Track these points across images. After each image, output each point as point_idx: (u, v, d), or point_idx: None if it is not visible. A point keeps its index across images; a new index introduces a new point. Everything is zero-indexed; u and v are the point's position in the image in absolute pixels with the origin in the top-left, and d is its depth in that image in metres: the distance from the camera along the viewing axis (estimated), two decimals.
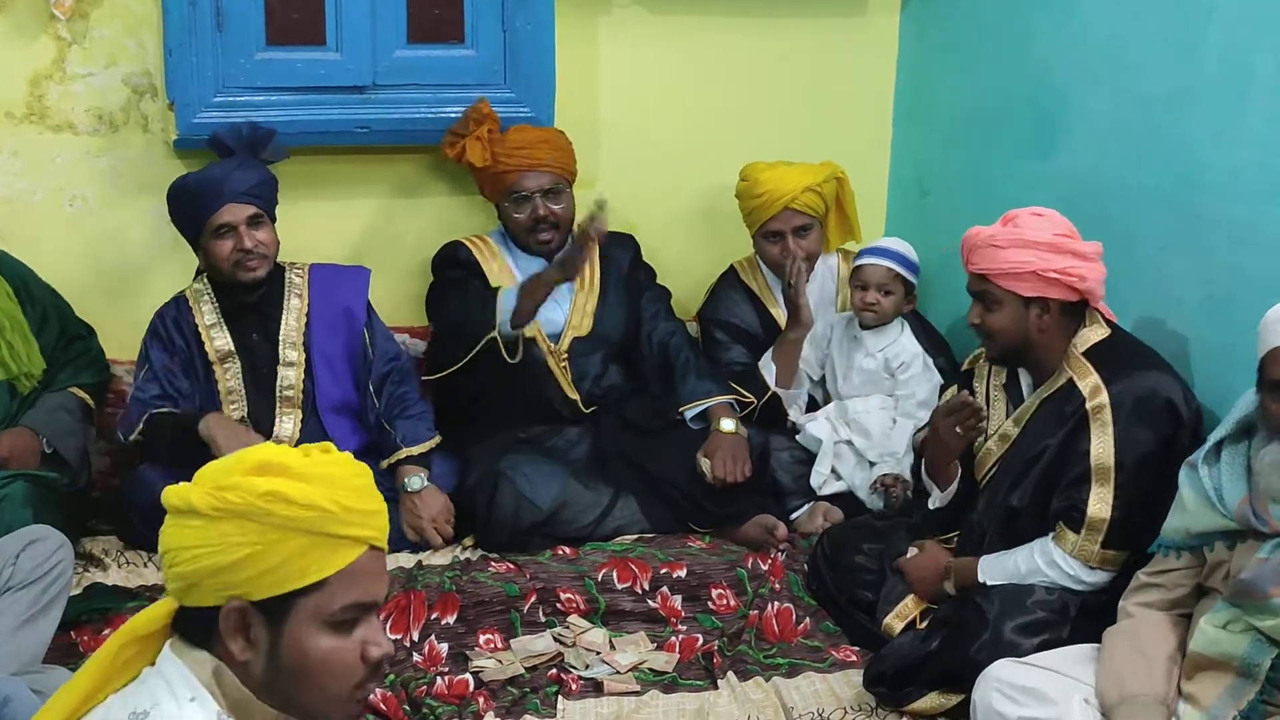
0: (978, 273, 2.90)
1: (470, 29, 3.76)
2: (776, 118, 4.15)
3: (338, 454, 1.64)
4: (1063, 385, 2.87)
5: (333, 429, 3.50)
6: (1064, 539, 2.81)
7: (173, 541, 1.57)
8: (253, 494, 1.53)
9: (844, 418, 3.64)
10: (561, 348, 3.69)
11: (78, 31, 3.58)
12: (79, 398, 3.42)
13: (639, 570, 3.23)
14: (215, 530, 1.53)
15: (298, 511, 1.53)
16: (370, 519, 1.60)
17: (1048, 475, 2.87)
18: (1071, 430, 2.82)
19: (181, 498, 1.55)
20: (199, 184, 3.31)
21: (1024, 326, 2.88)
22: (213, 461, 1.62)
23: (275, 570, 1.53)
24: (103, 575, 3.20)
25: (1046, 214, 2.92)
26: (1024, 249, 2.84)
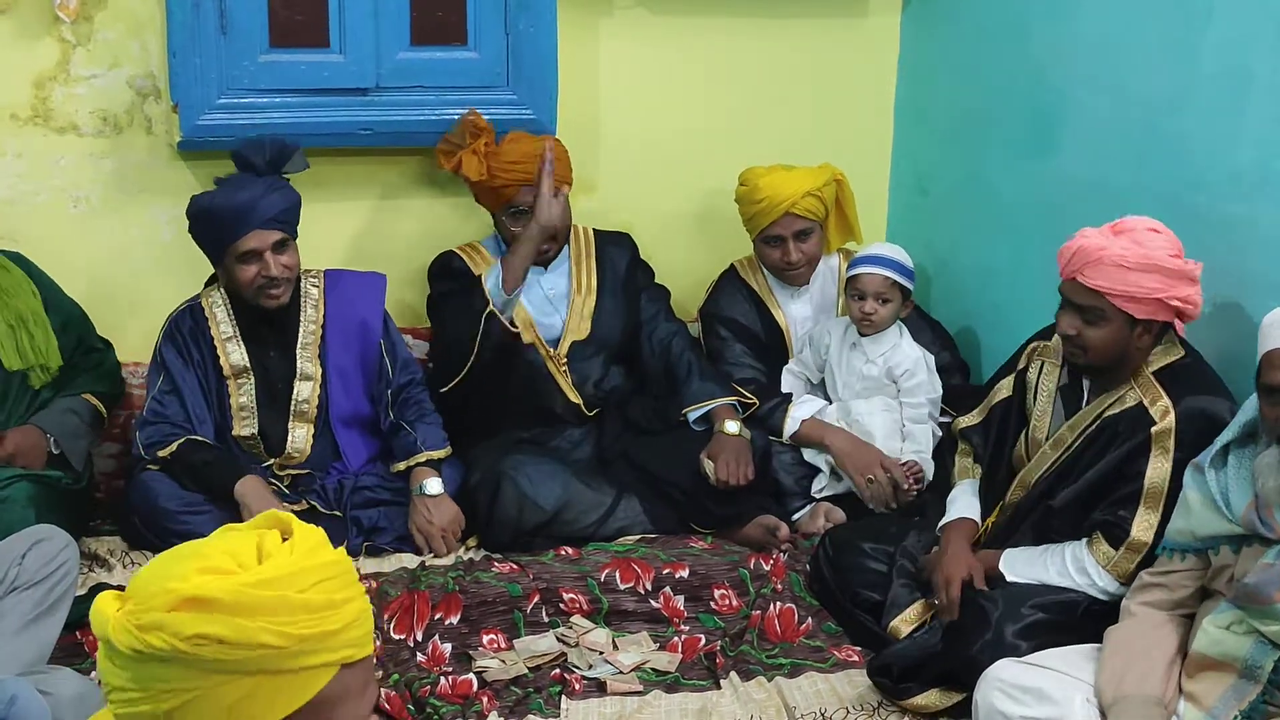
0: (1094, 288, 2.74)
1: (473, 31, 3.77)
2: (777, 118, 4.17)
3: (299, 544, 1.37)
4: (1131, 407, 2.80)
5: (344, 440, 3.51)
6: (1099, 550, 2.79)
7: (103, 674, 1.33)
8: (178, 639, 1.27)
9: (846, 419, 3.65)
10: (561, 352, 3.70)
11: (82, 34, 3.58)
12: (91, 404, 3.43)
13: (641, 571, 3.24)
14: (141, 673, 1.29)
15: (237, 654, 1.28)
16: (336, 638, 1.35)
17: (1096, 484, 2.84)
18: (1134, 449, 2.77)
19: (100, 625, 1.30)
20: (226, 209, 3.25)
21: (1125, 345, 2.78)
22: (147, 568, 1.36)
23: (226, 716, 1.30)
24: (107, 575, 3.21)
25: (1163, 231, 2.78)
26: (1152, 273, 2.71)
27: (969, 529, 3.08)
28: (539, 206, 3.51)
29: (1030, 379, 3.08)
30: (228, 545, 1.36)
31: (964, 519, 3.11)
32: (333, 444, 3.51)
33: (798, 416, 3.62)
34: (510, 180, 3.59)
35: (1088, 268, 2.74)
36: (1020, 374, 3.11)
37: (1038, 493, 2.96)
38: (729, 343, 3.81)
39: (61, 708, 2.36)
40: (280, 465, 3.46)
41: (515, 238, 3.60)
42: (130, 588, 1.34)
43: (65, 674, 2.58)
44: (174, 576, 1.31)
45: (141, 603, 1.30)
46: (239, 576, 1.32)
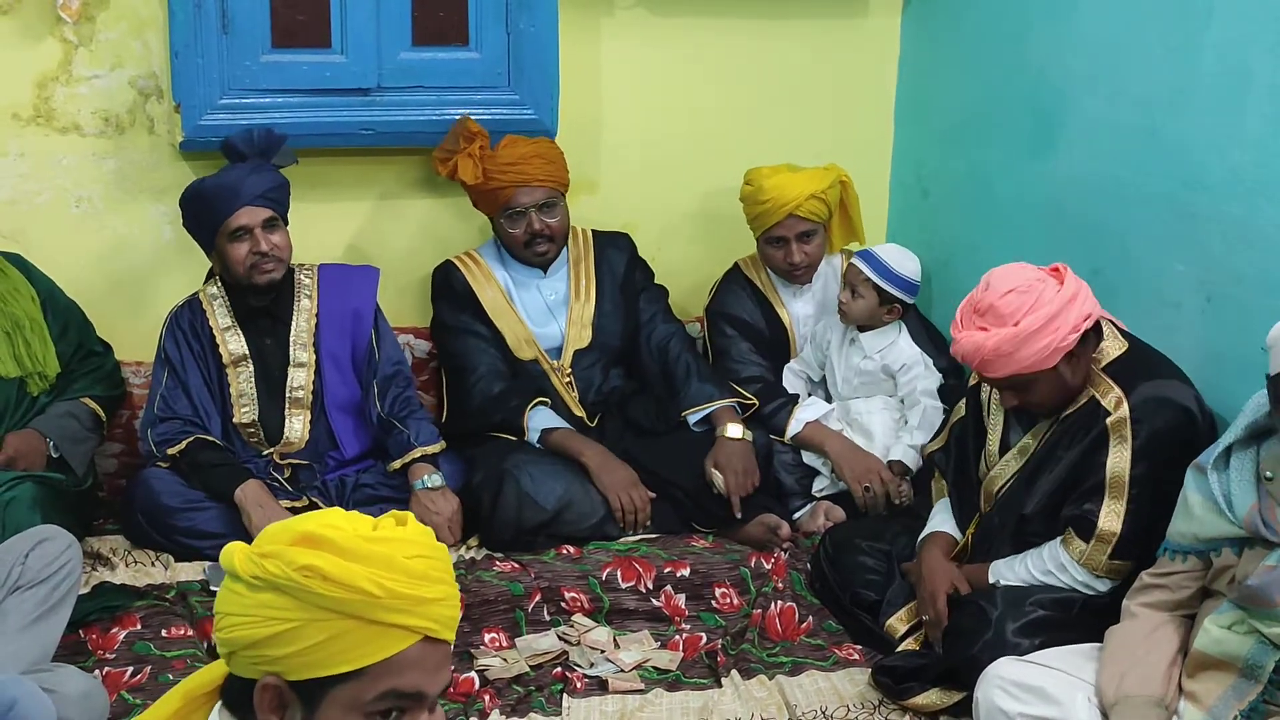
0: (1005, 376, 2.76)
1: (474, 31, 3.76)
2: (778, 118, 4.17)
3: (412, 530, 1.52)
4: (1084, 405, 2.84)
5: (340, 428, 3.53)
6: (1072, 545, 2.82)
7: (219, 604, 1.49)
8: (290, 566, 1.43)
9: (846, 418, 3.66)
10: (564, 363, 3.72)
11: (84, 34, 3.59)
12: (90, 408, 3.44)
13: (643, 569, 3.25)
14: (253, 600, 1.44)
15: (337, 592, 1.43)
16: (426, 608, 1.47)
17: (1061, 484, 2.87)
18: (1092, 443, 2.81)
19: (228, 558, 1.48)
20: (215, 188, 3.32)
21: (1064, 383, 2.81)
22: (276, 523, 1.53)
23: (310, 652, 1.43)
24: (110, 574, 3.21)
25: (1017, 278, 2.76)
26: (1037, 337, 2.71)
27: (944, 541, 3.12)
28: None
29: (983, 396, 3.11)
30: (349, 515, 1.52)
31: (938, 532, 3.14)
32: (329, 431, 3.53)
33: (802, 419, 3.64)
34: (506, 183, 3.60)
35: (985, 368, 2.78)
36: (973, 391, 3.14)
37: (1008, 503, 2.98)
38: (734, 341, 3.82)
39: (66, 706, 2.37)
40: (280, 454, 3.48)
41: (512, 242, 3.66)
42: (261, 533, 1.51)
43: (69, 672, 2.59)
44: (299, 521, 1.49)
45: (267, 538, 1.48)
46: (360, 532, 1.47)
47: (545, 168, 3.63)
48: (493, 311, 3.70)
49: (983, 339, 2.74)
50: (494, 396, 3.61)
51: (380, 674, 1.45)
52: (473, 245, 3.90)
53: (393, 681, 1.46)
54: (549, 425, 3.57)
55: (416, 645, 1.47)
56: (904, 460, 3.56)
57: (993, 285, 2.78)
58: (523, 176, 3.60)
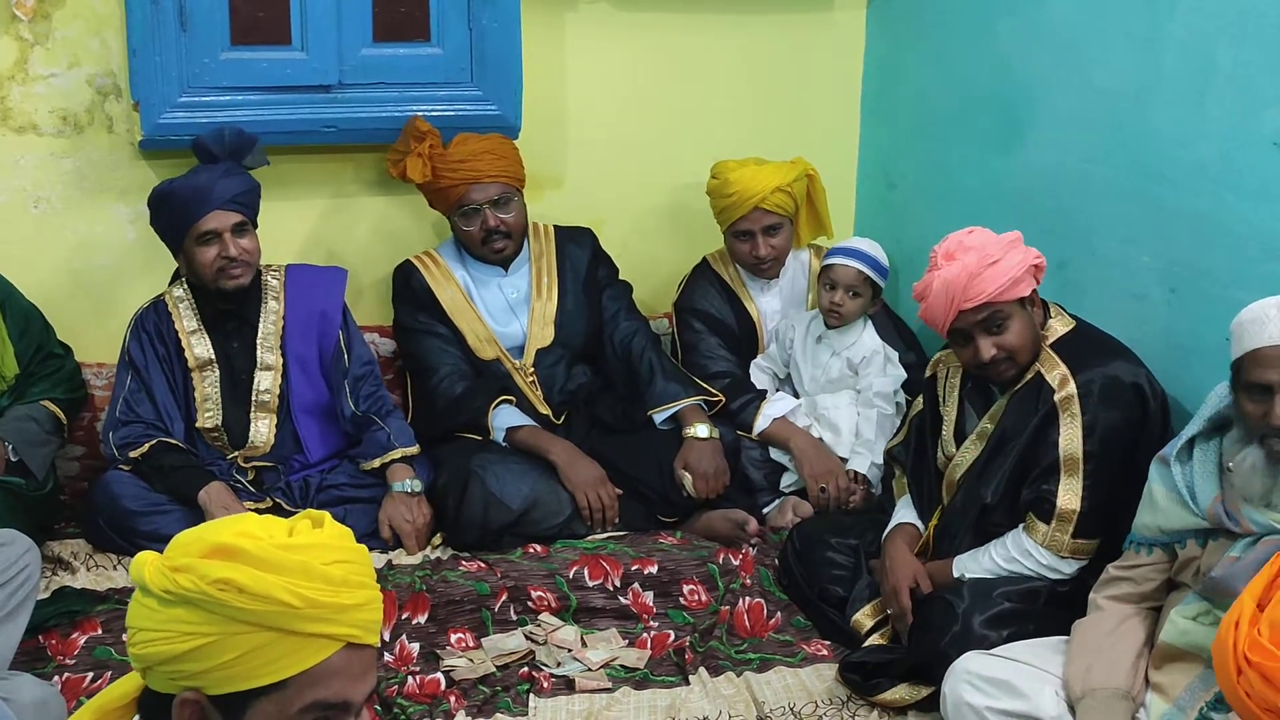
0: (983, 302, 2.79)
1: (436, 27, 3.73)
2: (744, 114, 4.17)
3: (328, 532, 1.48)
4: (1031, 380, 2.88)
5: (305, 432, 3.50)
6: (1034, 529, 2.83)
7: (131, 618, 1.45)
8: (204, 580, 1.38)
9: (813, 414, 3.66)
10: (527, 362, 3.70)
11: (40, 32, 3.54)
12: (50, 411, 3.39)
13: (610, 567, 3.23)
14: (166, 615, 1.40)
15: (254, 604, 1.39)
16: (347, 614, 1.44)
17: (1018, 468, 2.89)
18: (1041, 422, 2.83)
19: (138, 570, 1.43)
20: (185, 190, 3.28)
21: (1034, 328, 2.86)
22: (183, 532, 1.48)
23: (229, 666, 1.40)
24: (71, 578, 3.17)
25: (971, 231, 2.88)
26: (1001, 262, 2.79)
27: (908, 533, 3.12)
28: None
29: (939, 388, 3.13)
30: (263, 521, 1.48)
31: (902, 525, 3.15)
32: (294, 435, 3.50)
33: (769, 414, 3.63)
34: (457, 180, 3.58)
35: (967, 292, 2.80)
36: (930, 382, 3.16)
37: (967, 491, 2.99)
38: (703, 335, 3.80)
39: (22, 713, 2.34)
40: (244, 458, 3.45)
41: (469, 239, 3.64)
42: (172, 542, 1.46)
43: (25, 680, 2.56)
44: (211, 531, 1.45)
45: (178, 550, 1.43)
46: (275, 540, 1.44)
47: (497, 163, 3.61)
48: (452, 311, 3.68)
49: (959, 266, 2.80)
50: (457, 397, 3.59)
51: (304, 685, 1.42)
52: (429, 244, 3.89)
53: (318, 693, 1.43)
54: (514, 423, 3.54)
55: (339, 653, 1.44)
56: (863, 472, 3.55)
57: (951, 236, 2.88)
58: (474, 173, 3.58)
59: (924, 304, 2.88)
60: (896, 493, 3.28)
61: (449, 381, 3.61)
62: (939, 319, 2.85)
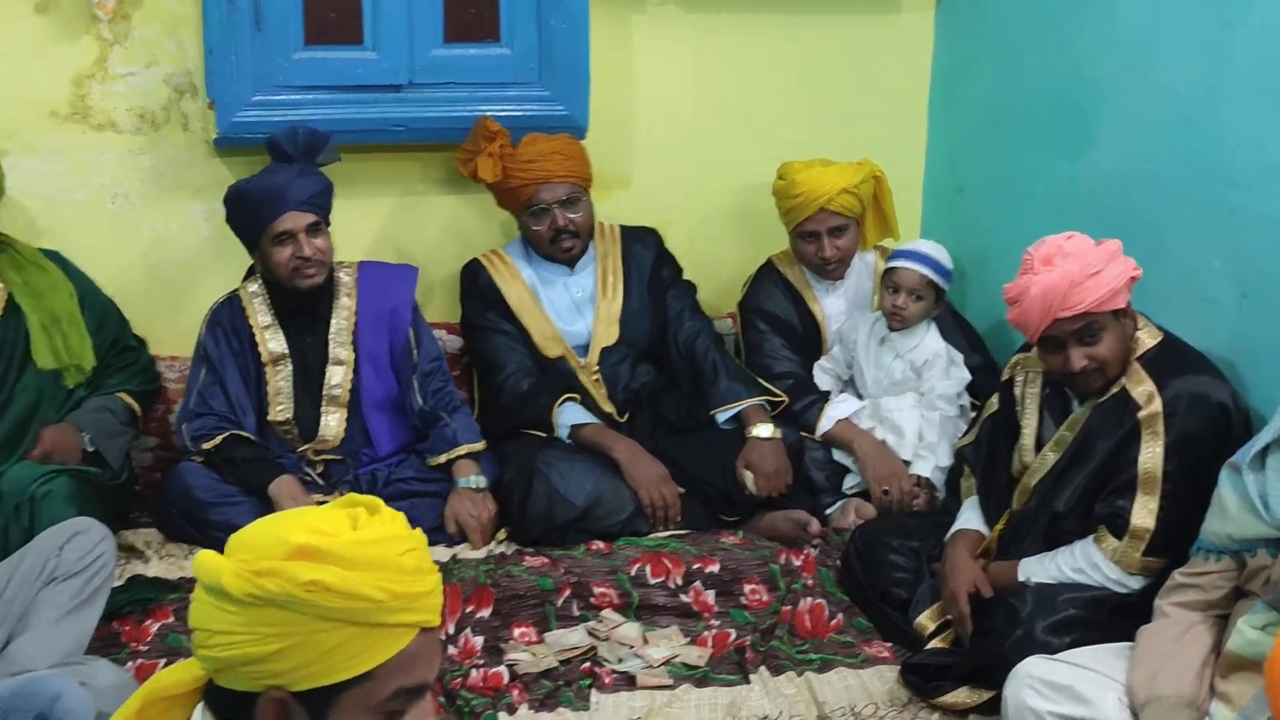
0: (1082, 311, 2.76)
1: (506, 28, 3.78)
2: (811, 114, 4.17)
3: (387, 520, 1.50)
4: (1116, 393, 2.84)
5: (374, 426, 3.54)
6: (1105, 543, 2.80)
7: (203, 621, 1.44)
8: (294, 584, 1.39)
9: (876, 416, 3.65)
10: (591, 361, 3.72)
11: (119, 32, 3.62)
12: (125, 402, 3.47)
13: (672, 565, 3.25)
14: (250, 616, 1.41)
15: (343, 603, 1.41)
16: (422, 601, 1.47)
17: (1095, 479, 2.86)
18: (1124, 437, 2.80)
19: (213, 574, 1.42)
20: (261, 191, 3.34)
21: (1125, 341, 2.84)
22: (248, 529, 1.49)
23: (318, 662, 1.42)
24: (144, 567, 3.24)
25: (1071, 236, 2.84)
26: (1101, 273, 2.75)
27: (971, 539, 3.10)
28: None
29: (1016, 391, 3.10)
30: (325, 514, 1.49)
31: (965, 530, 3.13)
32: (363, 429, 3.54)
33: (833, 416, 3.63)
34: (527, 180, 3.61)
35: (1066, 301, 2.77)
36: (1006, 386, 3.14)
37: (1041, 498, 2.97)
38: (767, 336, 3.81)
39: (100, 698, 2.39)
40: (314, 451, 3.50)
41: (537, 239, 3.68)
42: (237, 544, 1.46)
43: (102, 665, 2.63)
44: (288, 530, 1.44)
45: (256, 553, 1.43)
46: (347, 535, 1.45)
47: (566, 163, 3.65)
48: (519, 309, 3.71)
49: (1058, 275, 2.76)
50: (523, 394, 3.62)
51: (387, 673, 1.45)
52: (497, 243, 3.93)
53: (400, 680, 1.46)
54: (578, 421, 3.57)
55: (416, 638, 1.47)
56: (926, 475, 3.54)
57: (1049, 240, 2.83)
58: (544, 173, 3.61)
59: (1017, 308, 2.83)
60: (964, 493, 3.26)
61: (515, 379, 3.65)
62: (1032, 324, 2.81)
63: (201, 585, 1.45)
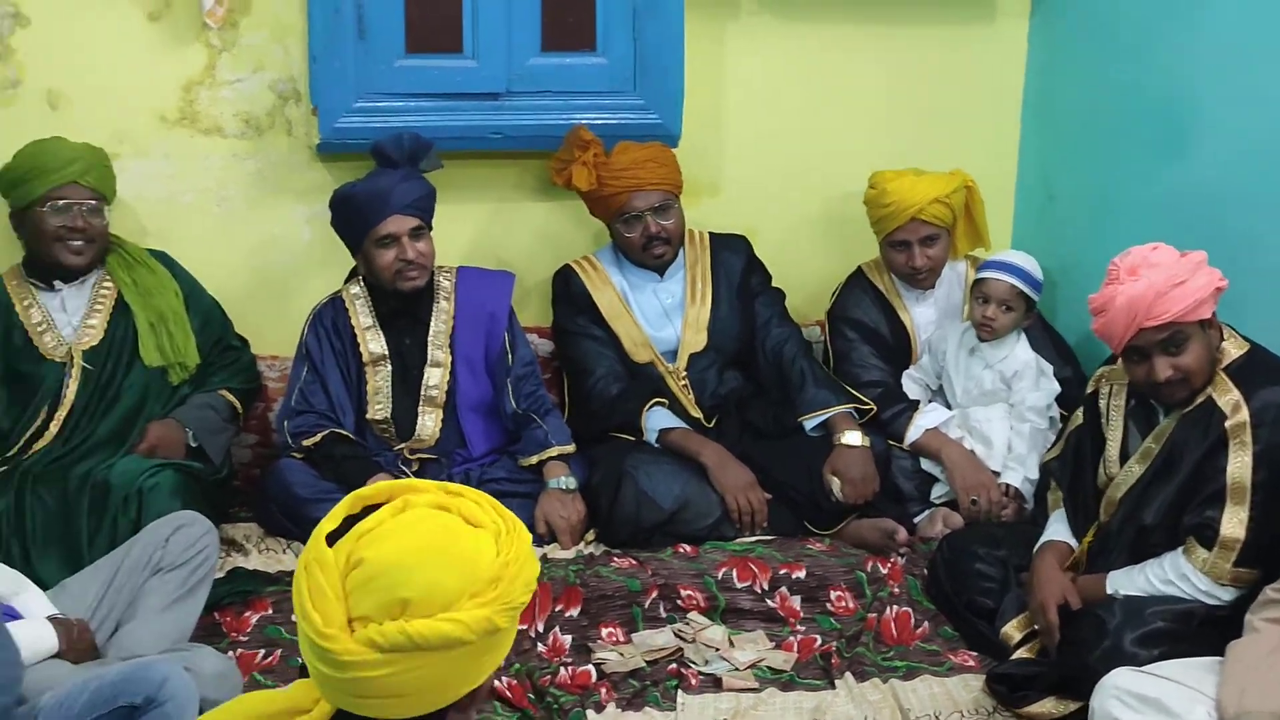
0: (1167, 321, 2.77)
1: (602, 37, 3.84)
2: (902, 123, 4.17)
3: (517, 538, 1.55)
4: (1202, 403, 2.83)
5: (469, 427, 3.61)
6: (1194, 554, 2.79)
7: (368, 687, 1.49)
8: (433, 634, 1.46)
9: (965, 426, 3.65)
10: (680, 366, 3.76)
11: (228, 39, 3.73)
12: (227, 400, 3.57)
13: (758, 570, 3.28)
14: (387, 659, 1.47)
15: (473, 636, 1.49)
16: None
17: (1182, 491, 2.85)
18: (1211, 447, 2.79)
19: (343, 653, 1.47)
20: (366, 194, 3.42)
21: (1211, 351, 2.83)
22: (421, 578, 1.48)
23: (440, 685, 1.52)
24: (244, 560, 3.33)
25: (1156, 247, 2.85)
26: (1187, 283, 2.76)
27: (1060, 550, 3.10)
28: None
29: (1101, 404, 3.09)
30: (477, 546, 1.52)
31: (1054, 542, 3.12)
32: (458, 430, 3.61)
33: (921, 425, 3.63)
34: (621, 188, 3.66)
35: (1151, 310, 2.77)
36: (1091, 399, 3.13)
37: (1128, 511, 2.95)
38: (856, 344, 3.82)
39: (203, 684, 2.47)
40: (410, 450, 3.57)
41: (629, 246, 3.72)
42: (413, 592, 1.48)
43: (206, 652, 2.70)
44: (455, 581, 1.49)
45: (425, 608, 1.48)
46: (505, 570, 1.52)
47: (659, 171, 3.69)
48: (609, 315, 3.76)
49: (1144, 283, 2.77)
50: (612, 398, 3.67)
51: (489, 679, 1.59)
52: (589, 249, 3.98)
53: (492, 679, 1.61)
54: (667, 425, 3.61)
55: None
56: (1016, 485, 3.53)
57: (1135, 250, 2.85)
58: (637, 181, 3.66)
59: (1102, 318, 2.84)
60: (1050, 506, 3.25)
61: (605, 383, 3.70)
62: (1117, 334, 2.82)
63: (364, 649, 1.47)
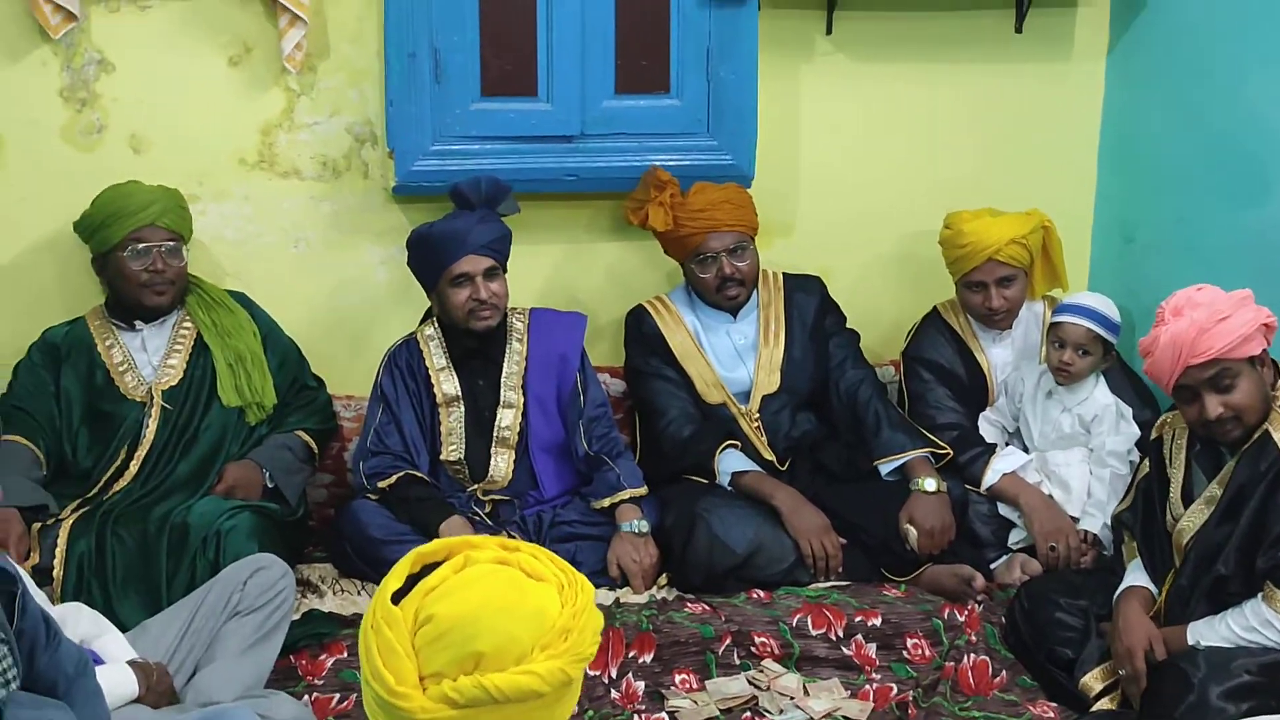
0: (1212, 358, 2.77)
1: (676, 79, 3.85)
2: (976, 162, 4.16)
3: (580, 595, 1.60)
4: (1259, 440, 2.80)
5: (541, 468, 3.61)
6: (1275, 599, 2.74)
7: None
8: (509, 687, 1.51)
9: (1044, 470, 3.60)
10: (752, 408, 3.74)
11: (305, 83, 3.77)
12: (303, 440, 3.60)
13: (833, 617, 3.25)
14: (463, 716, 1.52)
15: (549, 688, 1.54)
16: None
17: (1251, 533, 2.80)
18: (1271, 485, 2.76)
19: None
20: (443, 234, 3.45)
21: (1263, 388, 2.81)
22: (494, 632, 1.54)
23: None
24: (319, 601, 3.34)
25: (1201, 289, 2.85)
26: (1231, 319, 2.77)
27: (1143, 596, 3.05)
28: None
29: (1165, 451, 3.06)
30: (543, 599, 1.58)
31: (1135, 587, 3.08)
32: (530, 471, 3.62)
33: (999, 469, 3.59)
34: (696, 229, 3.66)
35: (1195, 348, 2.77)
36: (1156, 445, 3.10)
37: (1200, 557, 2.90)
38: (931, 385, 3.79)
39: None
40: (483, 490, 3.58)
41: (704, 286, 3.72)
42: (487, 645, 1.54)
43: (282, 698, 2.72)
44: (526, 634, 1.55)
45: (499, 661, 1.54)
46: (574, 622, 1.57)
47: (735, 212, 3.69)
48: (682, 356, 3.76)
49: (1187, 321, 2.78)
50: (685, 440, 3.66)
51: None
52: (661, 289, 3.98)
53: None
54: (740, 468, 3.59)
55: None
56: (1095, 532, 3.48)
57: (1180, 292, 2.88)
58: (713, 222, 3.66)
59: (1150, 359, 2.85)
60: (1126, 557, 3.20)
61: (677, 424, 3.69)
62: (1165, 374, 2.82)
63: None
